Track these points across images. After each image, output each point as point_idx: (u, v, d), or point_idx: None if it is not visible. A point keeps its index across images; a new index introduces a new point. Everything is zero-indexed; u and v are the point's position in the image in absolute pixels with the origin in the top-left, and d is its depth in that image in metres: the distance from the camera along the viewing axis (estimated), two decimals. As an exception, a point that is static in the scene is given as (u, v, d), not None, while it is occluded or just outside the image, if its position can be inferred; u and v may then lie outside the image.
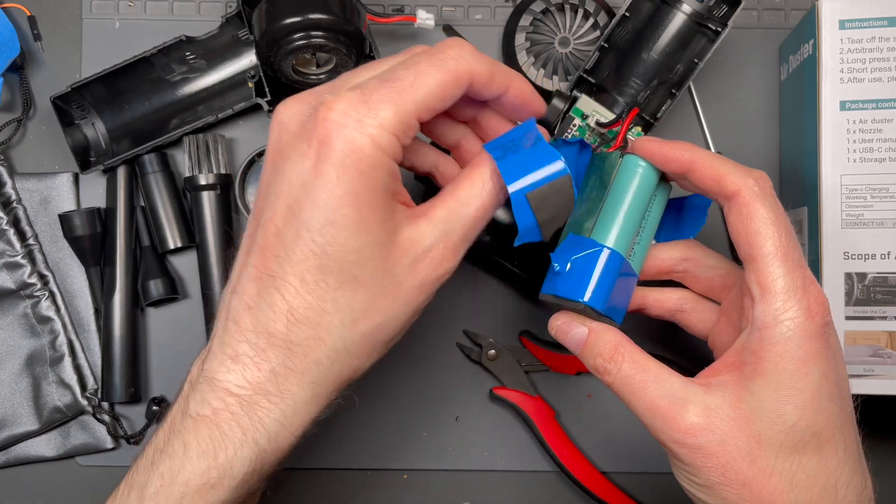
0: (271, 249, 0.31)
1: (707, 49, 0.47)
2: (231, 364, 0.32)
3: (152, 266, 0.52)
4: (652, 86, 0.49)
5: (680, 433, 0.33)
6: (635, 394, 0.34)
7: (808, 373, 0.32)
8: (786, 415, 0.32)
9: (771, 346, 0.33)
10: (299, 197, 0.30)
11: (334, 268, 0.31)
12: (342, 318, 0.31)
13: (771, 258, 0.33)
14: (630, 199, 0.37)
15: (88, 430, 0.52)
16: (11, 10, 0.53)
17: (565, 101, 0.48)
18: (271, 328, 0.31)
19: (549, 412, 0.52)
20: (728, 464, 0.32)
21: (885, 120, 0.45)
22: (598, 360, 0.36)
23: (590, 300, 0.36)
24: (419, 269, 0.32)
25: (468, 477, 0.53)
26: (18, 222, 0.53)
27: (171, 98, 0.53)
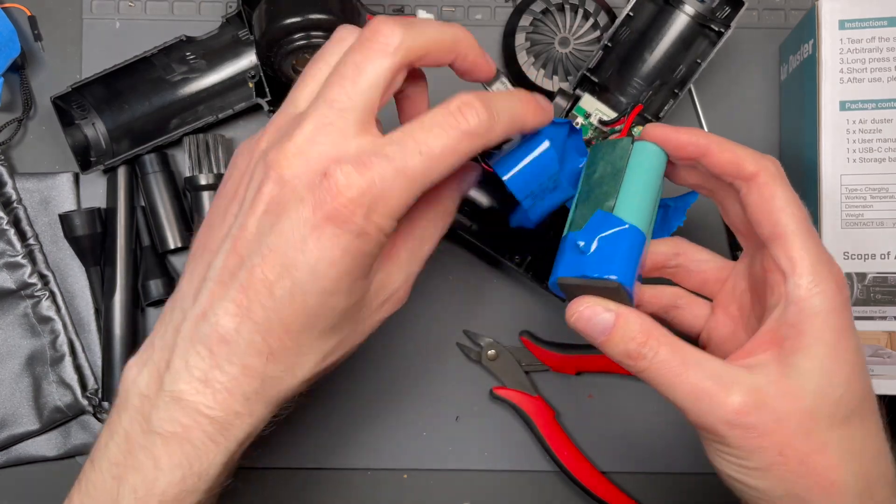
0: (258, 297, 0.32)
1: (709, 50, 0.47)
2: (201, 386, 0.32)
3: (152, 266, 0.52)
4: (654, 86, 0.49)
5: (732, 414, 0.32)
6: (677, 378, 0.33)
7: (847, 344, 0.33)
8: (832, 387, 0.32)
9: (810, 317, 0.32)
10: (296, 260, 0.31)
11: (319, 323, 0.33)
12: (316, 358, 0.34)
13: (798, 234, 0.34)
14: (648, 179, 0.36)
15: (89, 430, 0.53)
16: (11, 10, 0.53)
17: (568, 100, 0.49)
18: (248, 362, 0.32)
19: (549, 412, 0.52)
20: (785, 441, 0.32)
21: (885, 120, 0.45)
22: (630, 346, 0.34)
23: (620, 278, 0.34)
24: (384, 309, 0.36)
25: (468, 477, 0.53)
26: (19, 222, 0.53)
27: (172, 98, 0.53)
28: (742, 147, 0.36)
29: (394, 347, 0.53)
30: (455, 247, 0.53)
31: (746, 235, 0.38)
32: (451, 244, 0.53)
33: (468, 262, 0.53)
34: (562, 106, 0.48)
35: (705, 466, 0.52)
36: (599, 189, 0.37)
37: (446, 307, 0.53)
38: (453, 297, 0.53)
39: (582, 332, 0.35)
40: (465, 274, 0.53)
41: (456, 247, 0.53)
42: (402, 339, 0.53)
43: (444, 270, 0.54)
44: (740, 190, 0.35)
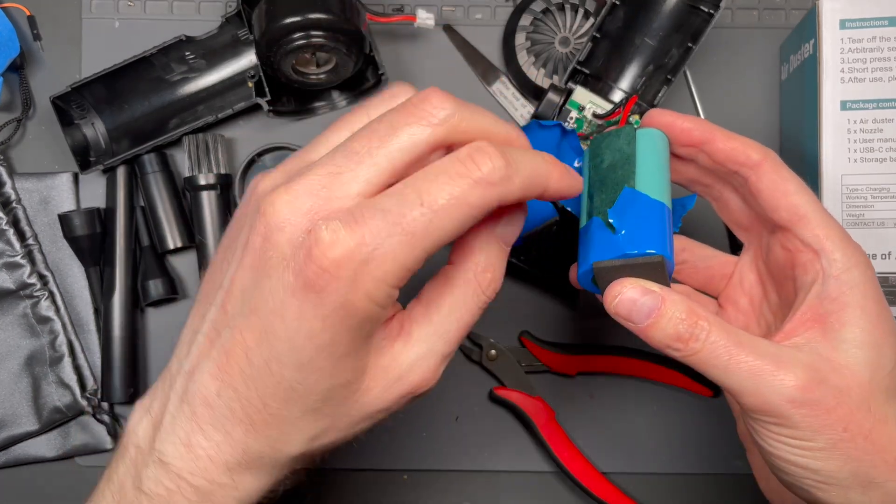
0: (238, 362, 0.29)
1: (702, 31, 0.47)
2: (184, 450, 0.30)
3: (152, 266, 0.52)
4: (648, 71, 0.48)
5: (797, 391, 0.30)
6: (731, 363, 0.31)
7: (888, 314, 0.32)
8: (884, 357, 0.32)
9: (851, 289, 0.32)
10: (275, 327, 0.28)
11: (299, 401, 0.29)
12: (302, 438, 0.30)
13: (820, 212, 0.34)
14: (659, 161, 0.36)
15: (88, 431, 0.52)
16: (11, 9, 0.53)
17: (561, 95, 0.48)
18: (229, 429, 0.30)
19: (549, 412, 0.52)
20: (849, 416, 0.30)
21: (886, 120, 0.45)
22: (680, 328, 0.31)
23: (663, 251, 0.32)
24: (392, 393, 0.30)
25: (468, 477, 0.53)
26: (18, 222, 0.52)
27: (171, 98, 0.53)
28: (743, 137, 0.36)
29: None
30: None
31: (749, 227, 0.38)
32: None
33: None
34: (555, 101, 0.48)
35: (705, 467, 0.52)
36: (614, 174, 0.35)
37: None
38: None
39: (624, 318, 0.32)
40: (465, 274, 0.53)
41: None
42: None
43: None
44: (748, 178, 0.35)
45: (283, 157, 0.53)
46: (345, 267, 0.26)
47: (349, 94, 0.53)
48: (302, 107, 0.53)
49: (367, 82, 0.53)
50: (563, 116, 0.48)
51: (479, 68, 0.53)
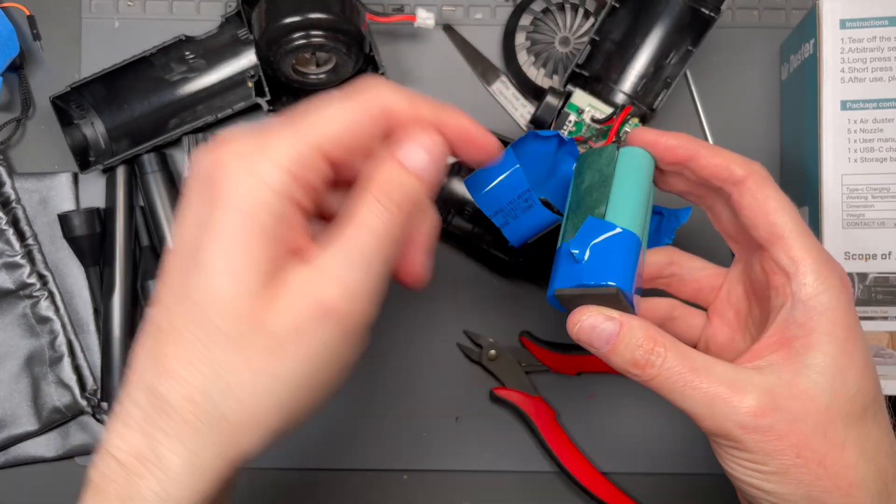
0: (162, 301, 0.28)
1: (702, 34, 0.47)
2: (118, 425, 0.28)
3: (152, 266, 0.52)
4: (648, 73, 0.48)
5: (748, 417, 0.31)
6: (687, 388, 0.32)
7: (857, 340, 0.32)
8: (846, 385, 0.31)
9: (820, 315, 0.32)
10: (182, 233, 0.28)
11: (208, 324, 0.27)
12: (216, 381, 0.27)
13: (797, 234, 0.33)
14: (637, 183, 0.36)
15: (88, 431, 0.52)
16: (11, 9, 0.52)
17: (559, 98, 0.48)
18: (151, 383, 0.27)
19: (549, 412, 0.52)
20: (803, 442, 0.31)
21: (886, 119, 0.45)
22: (637, 353, 0.32)
23: (618, 283, 0.33)
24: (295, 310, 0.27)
25: (468, 477, 0.53)
26: (17, 222, 0.52)
27: (171, 98, 0.53)
28: (729, 152, 0.35)
29: (394, 348, 0.53)
30: (455, 247, 0.53)
31: (738, 240, 0.38)
32: (449, 244, 0.53)
33: (468, 262, 0.53)
34: (553, 104, 0.48)
35: (705, 467, 0.52)
36: (589, 197, 0.37)
37: (446, 307, 0.53)
38: (453, 297, 0.53)
39: (585, 344, 0.34)
40: (465, 274, 0.53)
41: (455, 247, 0.53)
42: (401, 340, 0.53)
43: (444, 270, 0.53)
44: (731, 195, 0.35)
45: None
46: (238, 154, 0.27)
47: (349, 94, 0.53)
48: (302, 107, 0.53)
49: (367, 82, 0.53)
50: (562, 120, 0.48)
51: (479, 68, 0.53)
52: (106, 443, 0.28)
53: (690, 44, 0.47)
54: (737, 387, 0.31)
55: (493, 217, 0.39)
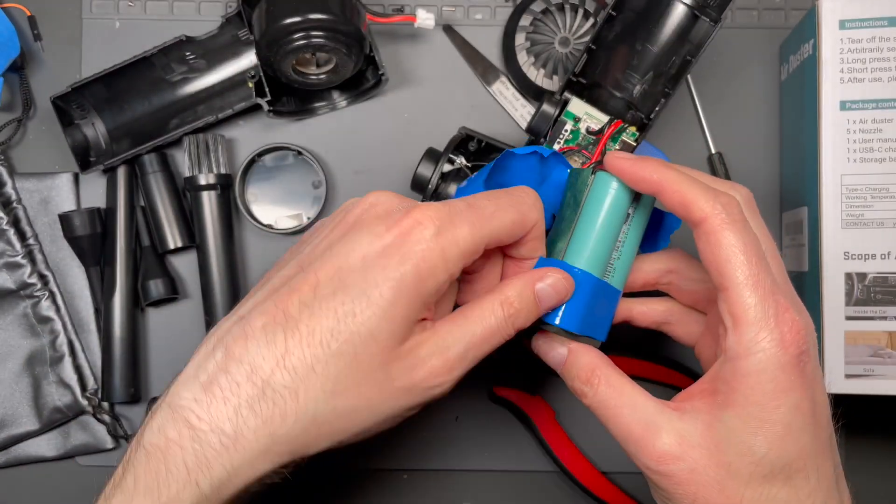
0: (300, 294, 0.32)
1: (703, 43, 0.46)
2: (200, 392, 0.31)
3: (152, 266, 0.52)
4: (647, 79, 0.47)
5: (652, 460, 0.33)
6: (611, 418, 0.35)
7: (779, 406, 0.32)
8: (755, 446, 0.32)
9: (742, 377, 0.32)
10: (353, 265, 0.32)
11: (343, 336, 0.31)
12: (324, 384, 0.32)
13: (742, 287, 0.32)
14: (602, 218, 0.37)
15: (88, 430, 0.53)
16: (11, 10, 0.53)
17: (555, 107, 0.48)
18: (258, 363, 0.31)
19: (549, 412, 0.52)
20: (698, 492, 0.32)
21: (886, 120, 0.45)
22: (575, 383, 0.36)
23: (562, 323, 0.37)
24: (413, 375, 0.33)
25: (468, 477, 0.53)
26: (18, 222, 0.53)
27: (171, 98, 0.53)
28: (695, 185, 0.34)
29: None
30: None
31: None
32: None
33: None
34: (549, 113, 0.47)
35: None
36: (561, 224, 0.38)
37: (446, 307, 0.53)
38: (453, 297, 0.53)
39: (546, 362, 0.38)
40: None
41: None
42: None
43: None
44: (693, 233, 0.34)
45: (283, 157, 0.53)
46: (433, 221, 0.32)
47: (349, 95, 0.53)
48: (302, 107, 0.53)
49: (367, 82, 0.53)
50: (558, 128, 0.48)
51: (478, 68, 0.54)
52: (179, 407, 0.31)
53: (690, 53, 0.47)
54: (651, 429, 0.33)
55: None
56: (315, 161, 0.52)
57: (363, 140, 0.54)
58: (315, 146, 0.53)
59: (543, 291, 0.35)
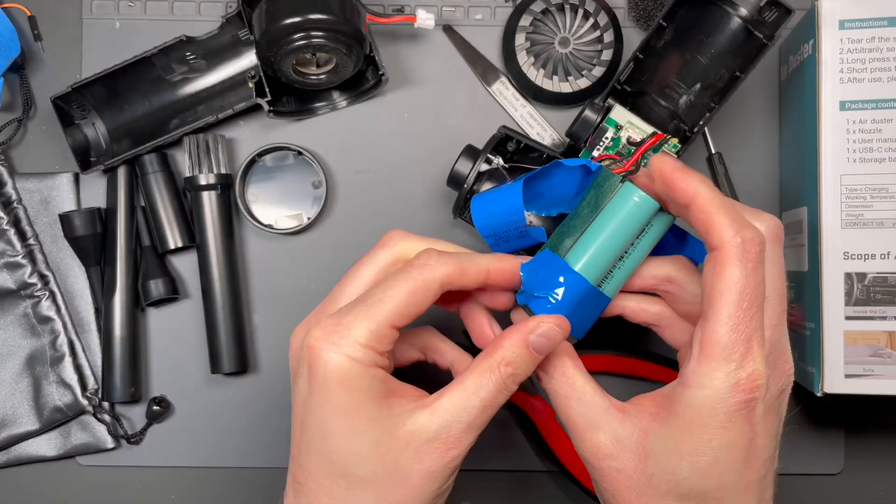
0: (296, 460, 0.36)
1: (752, 61, 0.45)
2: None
3: (153, 266, 0.52)
4: (695, 90, 0.46)
5: (587, 452, 0.36)
6: (559, 407, 0.37)
7: (711, 440, 0.33)
8: (679, 468, 0.34)
9: (686, 406, 0.33)
10: (303, 414, 0.35)
11: (341, 471, 0.34)
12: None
13: (721, 323, 0.32)
14: (616, 229, 0.36)
15: (89, 430, 0.53)
16: (11, 10, 0.53)
17: (598, 113, 0.47)
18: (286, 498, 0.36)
19: (549, 412, 0.52)
20: (619, 491, 0.35)
21: (885, 120, 0.45)
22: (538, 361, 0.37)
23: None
24: (424, 460, 0.34)
25: (467, 477, 0.53)
26: (19, 222, 0.53)
27: (172, 98, 0.53)
28: (726, 212, 0.33)
29: (394, 347, 0.53)
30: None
31: None
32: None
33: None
34: (591, 119, 0.47)
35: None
36: (575, 219, 0.38)
37: (446, 307, 0.53)
38: (453, 297, 0.53)
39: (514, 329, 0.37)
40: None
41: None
42: (402, 339, 0.53)
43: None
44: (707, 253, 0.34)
45: (283, 157, 0.53)
46: (324, 338, 0.34)
47: (349, 95, 0.53)
48: (302, 107, 0.53)
49: (368, 82, 0.53)
50: (599, 134, 0.47)
51: (478, 69, 0.54)
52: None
53: (740, 68, 0.46)
54: (592, 425, 0.36)
55: (486, 238, 0.40)
56: (315, 161, 0.52)
57: (363, 140, 0.54)
58: (315, 146, 0.53)
59: (537, 343, 0.36)
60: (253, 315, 0.53)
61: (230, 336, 0.51)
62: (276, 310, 0.53)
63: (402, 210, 0.53)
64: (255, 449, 0.53)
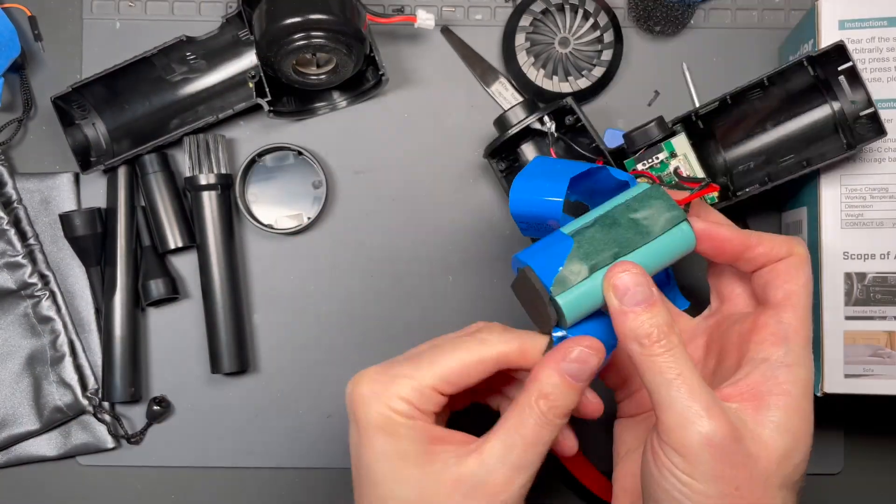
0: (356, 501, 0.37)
1: (827, 157, 0.45)
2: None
3: (153, 266, 0.52)
4: (759, 160, 0.47)
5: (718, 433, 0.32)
6: (676, 380, 0.33)
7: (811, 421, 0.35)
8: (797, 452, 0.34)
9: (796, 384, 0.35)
10: (356, 460, 0.36)
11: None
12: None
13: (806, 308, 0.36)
14: (663, 263, 0.36)
15: (89, 430, 0.53)
16: (12, 10, 0.53)
17: (663, 132, 0.47)
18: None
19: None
20: (747, 480, 0.33)
21: (886, 120, 0.45)
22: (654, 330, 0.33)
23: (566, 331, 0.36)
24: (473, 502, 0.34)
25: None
26: (19, 222, 0.53)
27: (172, 98, 0.53)
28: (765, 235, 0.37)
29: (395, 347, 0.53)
30: (454, 246, 0.53)
31: (728, 298, 0.40)
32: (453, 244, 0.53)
33: (467, 262, 0.53)
34: (653, 134, 0.46)
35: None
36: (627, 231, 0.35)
37: (446, 307, 0.53)
38: (453, 296, 0.53)
39: (619, 294, 0.34)
40: (464, 274, 0.53)
41: (455, 246, 0.53)
42: (402, 339, 0.53)
43: (444, 270, 0.54)
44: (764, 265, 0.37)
45: (283, 157, 0.53)
46: (370, 390, 0.35)
47: (349, 95, 0.53)
48: (302, 107, 0.53)
49: (368, 83, 0.53)
50: (652, 151, 0.47)
51: (477, 70, 0.54)
52: None
53: (808, 160, 0.45)
54: (714, 409, 0.33)
55: (516, 220, 0.39)
56: (315, 161, 0.52)
57: (363, 140, 0.54)
58: (315, 146, 0.53)
59: (572, 370, 0.34)
60: (253, 315, 0.53)
61: (230, 336, 0.51)
62: (276, 310, 0.53)
63: (403, 210, 0.53)
64: (255, 449, 0.53)
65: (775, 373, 0.35)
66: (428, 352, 0.36)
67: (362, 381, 0.36)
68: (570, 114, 0.48)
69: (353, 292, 0.53)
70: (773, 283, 0.36)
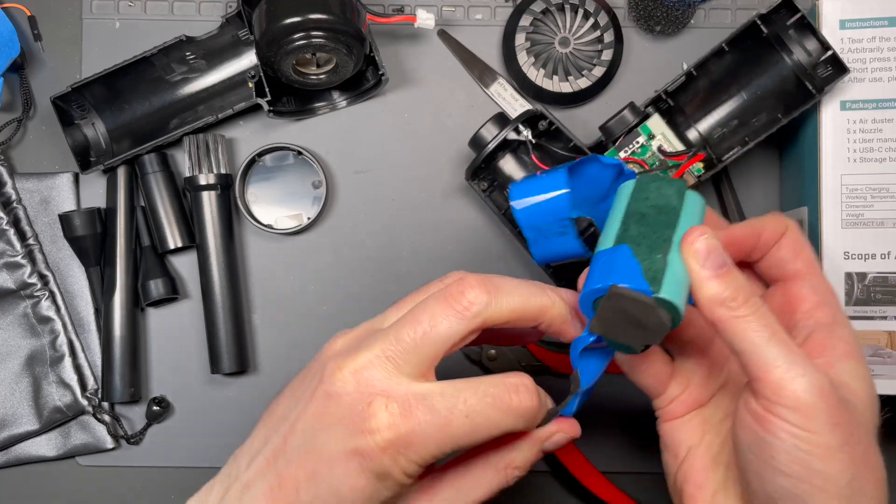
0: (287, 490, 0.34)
1: (796, 108, 0.46)
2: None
3: (152, 266, 0.52)
4: (731, 125, 0.47)
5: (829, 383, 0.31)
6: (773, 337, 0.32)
7: None
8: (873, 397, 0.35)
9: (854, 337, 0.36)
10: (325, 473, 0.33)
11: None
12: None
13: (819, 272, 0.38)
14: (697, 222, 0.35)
15: (89, 430, 0.53)
16: (11, 10, 0.53)
17: (636, 116, 0.47)
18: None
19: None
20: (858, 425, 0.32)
21: (886, 120, 0.45)
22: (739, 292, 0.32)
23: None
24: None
25: (468, 477, 0.53)
26: (19, 222, 0.53)
27: (171, 98, 0.53)
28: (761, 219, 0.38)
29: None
30: (454, 246, 0.53)
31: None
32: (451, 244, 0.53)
33: (467, 261, 0.53)
34: (628, 120, 0.47)
35: (705, 466, 0.52)
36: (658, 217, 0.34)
37: (446, 307, 0.53)
38: (453, 297, 0.53)
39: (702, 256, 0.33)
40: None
41: (455, 246, 0.53)
42: (402, 339, 0.53)
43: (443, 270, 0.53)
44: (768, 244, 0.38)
45: (283, 157, 0.53)
46: (393, 447, 0.32)
47: (349, 95, 0.53)
48: (302, 107, 0.53)
49: (368, 82, 0.53)
50: (630, 137, 0.48)
51: (475, 71, 0.54)
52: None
53: (782, 112, 0.46)
54: (812, 362, 0.32)
55: (525, 231, 0.39)
56: (315, 161, 0.52)
57: (363, 140, 0.54)
58: (315, 146, 0.53)
59: (548, 448, 0.38)
60: (253, 315, 0.53)
61: (230, 336, 0.51)
62: (276, 310, 0.53)
63: (403, 210, 0.53)
64: (255, 449, 0.53)
65: (833, 332, 0.35)
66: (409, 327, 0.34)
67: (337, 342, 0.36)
68: (542, 119, 0.48)
69: (352, 292, 0.53)
70: (787, 258, 0.37)
